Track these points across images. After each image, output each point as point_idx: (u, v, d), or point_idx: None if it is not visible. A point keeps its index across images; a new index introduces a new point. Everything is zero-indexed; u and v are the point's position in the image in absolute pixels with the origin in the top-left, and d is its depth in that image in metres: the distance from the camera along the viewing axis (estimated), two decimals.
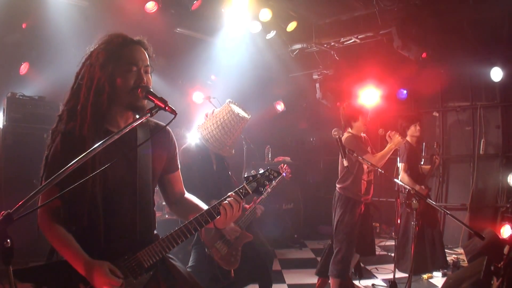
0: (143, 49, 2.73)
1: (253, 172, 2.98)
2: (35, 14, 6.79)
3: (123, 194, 2.63)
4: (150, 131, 2.85)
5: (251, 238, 4.96)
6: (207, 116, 5.18)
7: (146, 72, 2.71)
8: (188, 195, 3.14)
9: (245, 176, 2.95)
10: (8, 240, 1.85)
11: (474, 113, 9.84)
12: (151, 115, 2.45)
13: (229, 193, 2.80)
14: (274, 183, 4.89)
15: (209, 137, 4.86)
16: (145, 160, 2.74)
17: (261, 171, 2.97)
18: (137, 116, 2.60)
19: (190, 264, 4.81)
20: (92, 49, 2.66)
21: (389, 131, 6.08)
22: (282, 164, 5.97)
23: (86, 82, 2.58)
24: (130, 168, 2.65)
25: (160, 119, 2.81)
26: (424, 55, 8.28)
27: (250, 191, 2.88)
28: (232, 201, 2.76)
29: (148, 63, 2.73)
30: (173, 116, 2.48)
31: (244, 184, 2.89)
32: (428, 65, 9.10)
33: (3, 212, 1.88)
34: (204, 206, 2.93)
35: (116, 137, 2.30)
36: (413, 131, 7.27)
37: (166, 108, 2.45)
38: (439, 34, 8.66)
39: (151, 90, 2.55)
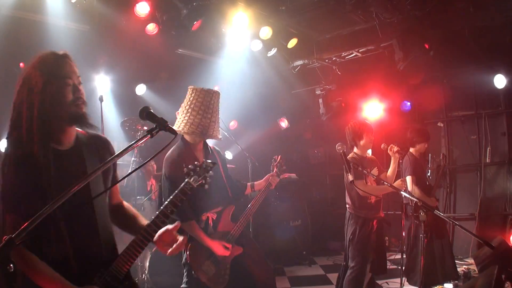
0: (71, 62, 2.73)
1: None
2: (36, 40, 6.83)
3: (83, 213, 2.62)
4: (93, 142, 2.86)
5: (241, 251, 4.66)
6: (177, 114, 4.75)
7: (80, 83, 2.73)
8: (125, 205, 3.19)
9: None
10: (11, 265, 1.85)
11: (479, 121, 9.80)
12: (152, 136, 2.46)
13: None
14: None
15: (188, 127, 4.43)
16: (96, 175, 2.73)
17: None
18: (79, 129, 2.75)
19: (182, 286, 4.60)
20: (25, 75, 2.63)
21: (391, 145, 6.06)
22: (276, 156, 5.51)
23: (28, 107, 2.54)
24: (84, 186, 2.56)
25: (159, 134, 2.79)
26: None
27: (194, 185, 2.99)
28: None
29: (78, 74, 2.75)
30: (174, 136, 2.49)
31: (187, 179, 3.00)
32: (431, 76, 9.09)
33: (5, 237, 1.87)
34: (140, 218, 3.04)
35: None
36: (421, 147, 7.22)
37: (166, 128, 2.45)
38: (440, 44, 8.65)
39: (151, 111, 2.55)
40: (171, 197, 2.82)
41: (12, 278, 1.88)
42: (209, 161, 3.16)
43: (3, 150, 2.60)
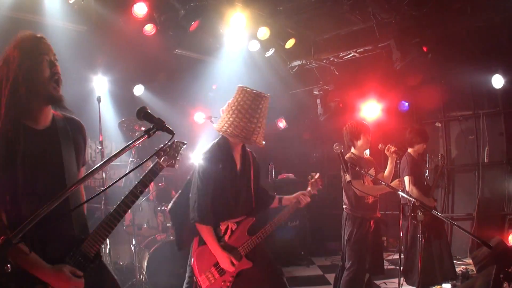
0: (47, 42, 2.81)
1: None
2: None
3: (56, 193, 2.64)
4: (67, 124, 2.92)
5: (249, 266, 4.37)
6: (223, 111, 4.44)
7: (56, 60, 2.79)
8: None
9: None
10: (9, 265, 1.84)
11: (477, 121, 9.84)
12: (149, 136, 2.49)
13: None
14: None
15: (232, 129, 4.18)
16: (69, 155, 2.80)
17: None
18: (54, 111, 2.80)
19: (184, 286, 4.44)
20: (4, 55, 2.69)
21: (388, 146, 6.06)
22: (314, 173, 5.17)
23: (5, 84, 2.59)
24: (57, 166, 2.68)
25: (158, 135, 2.79)
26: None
27: (164, 166, 2.99)
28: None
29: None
30: (171, 136, 2.50)
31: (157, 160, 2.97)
32: (429, 76, 9.09)
33: (3, 237, 1.87)
34: None
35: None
36: (419, 148, 7.21)
37: (164, 128, 2.46)
38: (438, 44, 8.65)
39: (149, 111, 2.56)
40: (141, 177, 2.82)
41: (9, 278, 1.86)
42: (180, 141, 3.14)
43: None
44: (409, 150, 7.17)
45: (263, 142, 4.42)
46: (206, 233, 4.22)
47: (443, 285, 7.02)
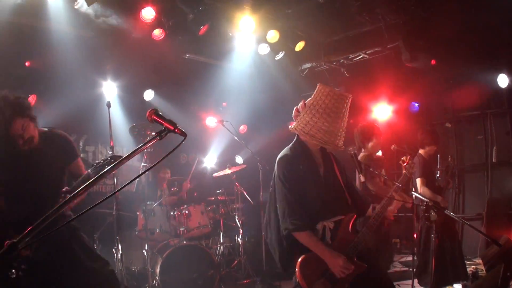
0: None
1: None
2: (41, 46, 6.83)
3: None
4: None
5: (364, 268, 3.80)
6: (298, 111, 4.12)
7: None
8: None
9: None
10: (13, 271, 1.77)
11: (485, 121, 9.80)
12: (161, 138, 2.42)
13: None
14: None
15: (315, 131, 3.82)
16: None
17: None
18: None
19: None
20: None
21: (407, 158, 5.81)
22: (404, 157, 4.65)
23: None
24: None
25: (169, 141, 2.75)
26: (433, 61, 8.23)
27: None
28: None
29: None
30: (183, 138, 2.44)
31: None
32: (437, 76, 9.04)
33: (7, 242, 1.82)
34: None
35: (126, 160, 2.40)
36: (430, 149, 7.15)
37: (176, 130, 2.41)
38: (445, 45, 8.60)
39: (160, 112, 2.51)
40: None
41: (14, 285, 1.79)
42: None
43: None
44: (420, 151, 7.11)
45: (343, 146, 3.99)
46: (306, 239, 3.77)
47: (454, 285, 6.96)
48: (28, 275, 2.91)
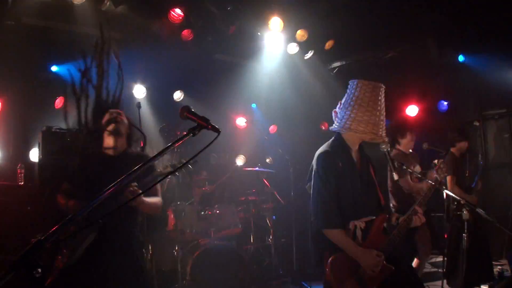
0: None
1: None
2: (69, 47, 6.88)
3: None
4: None
5: (392, 270, 3.71)
6: (336, 112, 4.08)
7: None
8: None
9: None
10: (39, 269, 1.75)
11: (511, 119, 9.72)
12: (194, 135, 2.39)
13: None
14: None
15: (356, 125, 3.77)
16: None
17: None
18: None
19: None
20: None
21: (439, 162, 5.62)
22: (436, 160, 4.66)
23: None
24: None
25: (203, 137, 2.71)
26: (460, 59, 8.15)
27: None
28: None
29: None
30: (217, 134, 2.40)
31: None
32: (466, 73, 8.93)
33: (33, 239, 1.81)
34: None
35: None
36: (462, 146, 7.04)
37: (209, 126, 2.37)
38: (475, 42, 8.48)
39: (192, 110, 2.47)
40: None
41: (39, 285, 1.76)
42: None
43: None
44: (452, 149, 7.01)
45: (386, 138, 4.00)
46: (338, 237, 3.70)
47: (482, 286, 6.85)
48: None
